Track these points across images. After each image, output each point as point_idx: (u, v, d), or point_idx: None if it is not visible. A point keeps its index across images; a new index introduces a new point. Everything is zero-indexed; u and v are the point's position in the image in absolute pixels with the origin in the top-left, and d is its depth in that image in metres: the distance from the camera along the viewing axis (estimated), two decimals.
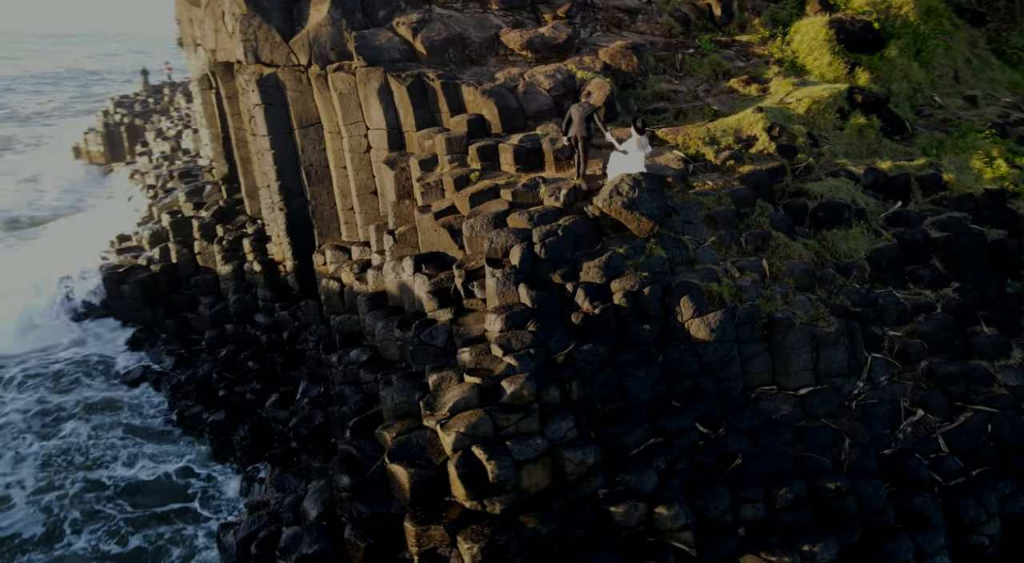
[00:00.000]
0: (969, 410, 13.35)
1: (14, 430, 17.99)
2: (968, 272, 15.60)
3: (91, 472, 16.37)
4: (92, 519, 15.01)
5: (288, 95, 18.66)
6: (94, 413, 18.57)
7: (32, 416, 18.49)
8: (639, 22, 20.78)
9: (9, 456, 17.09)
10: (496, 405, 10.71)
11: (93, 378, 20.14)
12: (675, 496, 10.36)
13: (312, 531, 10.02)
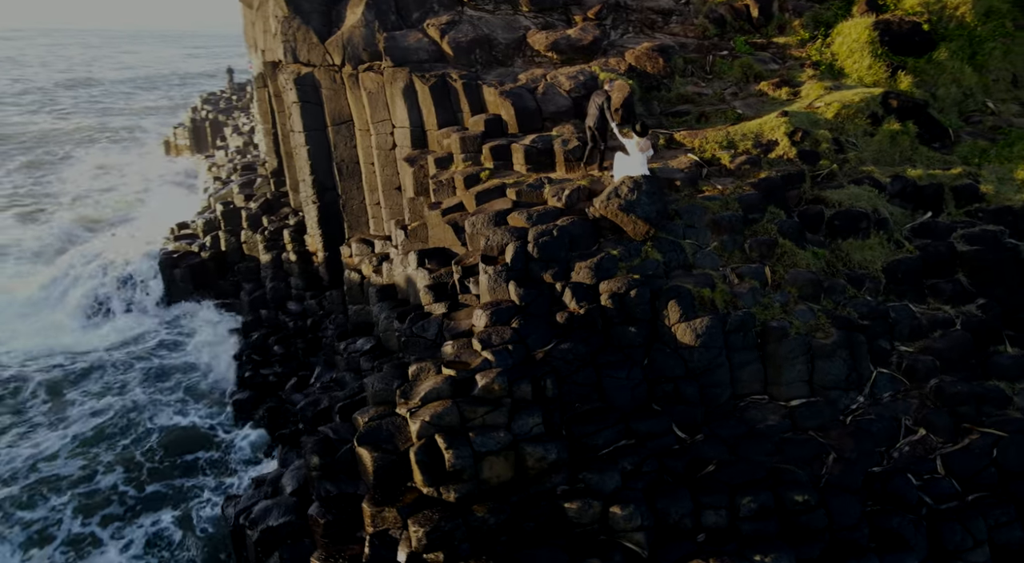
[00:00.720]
0: (976, 433, 12.69)
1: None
2: (998, 289, 14.78)
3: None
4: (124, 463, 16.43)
5: (323, 94, 19.52)
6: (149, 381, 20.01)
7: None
8: (673, 23, 20.59)
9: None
10: (466, 397, 11.03)
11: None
12: (634, 497, 10.39)
13: (282, 505, 10.63)
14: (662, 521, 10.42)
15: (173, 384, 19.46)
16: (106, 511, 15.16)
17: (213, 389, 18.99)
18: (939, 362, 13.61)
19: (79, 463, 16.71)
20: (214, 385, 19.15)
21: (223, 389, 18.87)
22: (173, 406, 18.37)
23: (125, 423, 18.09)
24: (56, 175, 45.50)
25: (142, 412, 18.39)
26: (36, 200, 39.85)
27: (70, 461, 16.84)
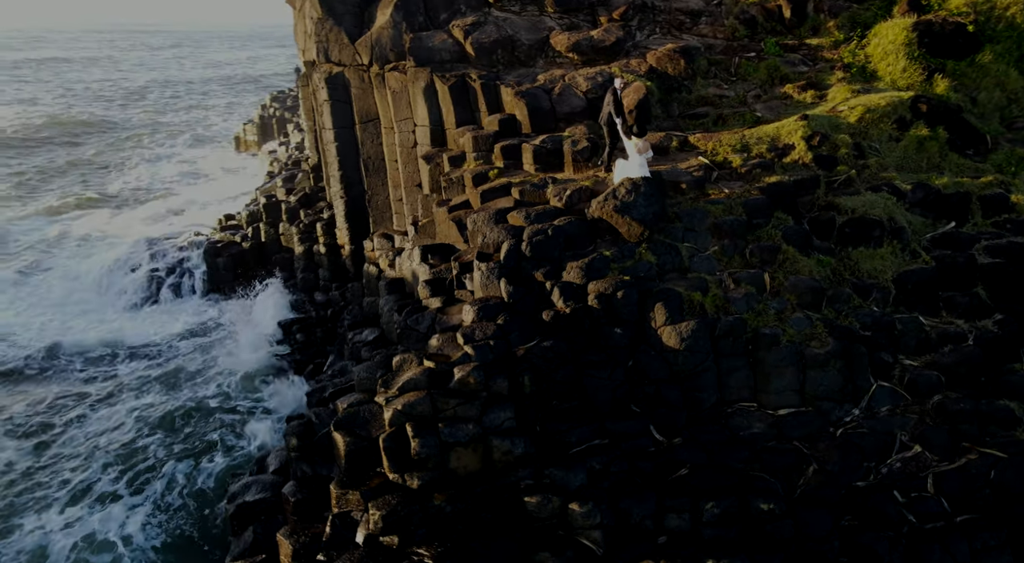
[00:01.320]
0: (976, 452, 12.17)
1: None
2: (1019, 304, 14.06)
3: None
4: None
5: (352, 92, 20.19)
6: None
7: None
8: (701, 24, 20.34)
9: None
10: (442, 389, 11.33)
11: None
12: (594, 495, 10.47)
13: (260, 483, 11.20)
14: (624, 521, 10.46)
15: (204, 363, 20.57)
16: (133, 469, 16.27)
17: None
18: (945, 378, 13.08)
19: (125, 427, 17.97)
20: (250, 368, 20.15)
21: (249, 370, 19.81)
22: (199, 383, 19.45)
23: (163, 396, 19.36)
24: (135, 167, 48.15)
25: (174, 386, 19.58)
26: (118, 189, 42.32)
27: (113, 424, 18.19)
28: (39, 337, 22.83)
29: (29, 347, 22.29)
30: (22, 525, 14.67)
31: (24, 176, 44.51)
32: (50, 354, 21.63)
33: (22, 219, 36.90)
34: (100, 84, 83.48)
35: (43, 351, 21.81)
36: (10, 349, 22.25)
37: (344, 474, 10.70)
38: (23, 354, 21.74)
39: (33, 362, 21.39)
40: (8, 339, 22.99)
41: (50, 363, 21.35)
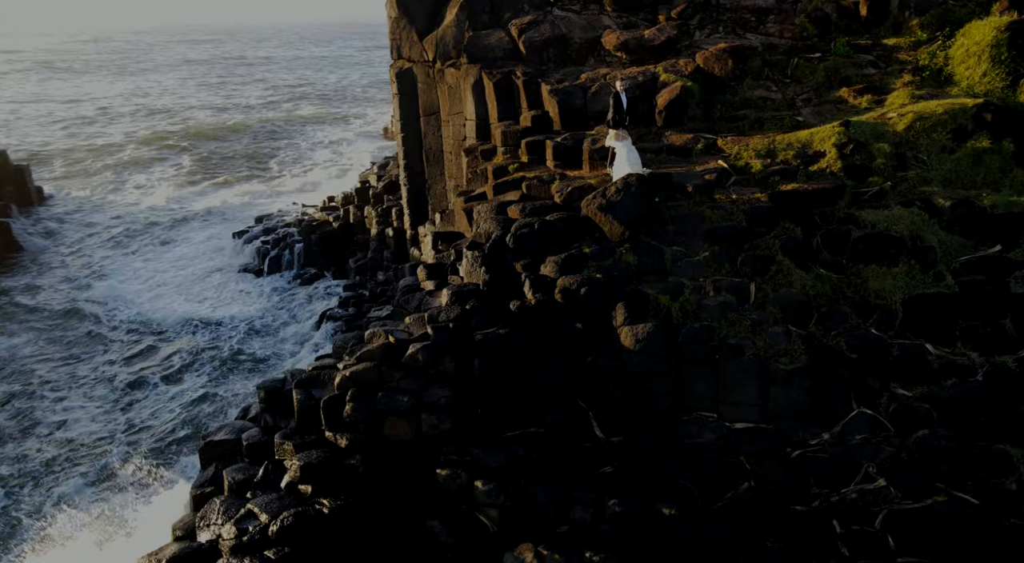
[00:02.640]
0: (946, 495, 11.12)
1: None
2: None
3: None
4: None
5: (419, 87, 21.52)
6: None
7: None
8: (769, 23, 19.44)
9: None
10: (393, 362, 12.25)
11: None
12: (505, 477, 10.90)
13: (231, 426, 12.71)
14: (528, 505, 10.80)
15: (269, 328, 23.14)
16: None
17: (297, 337, 22.20)
18: (938, 413, 11.99)
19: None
20: (300, 336, 22.32)
21: (303, 340, 21.95)
22: (261, 344, 21.94)
23: (231, 346, 22.15)
24: (297, 153, 53.11)
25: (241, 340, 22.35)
26: (274, 171, 47.22)
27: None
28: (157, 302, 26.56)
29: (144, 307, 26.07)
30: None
31: (209, 160, 50.49)
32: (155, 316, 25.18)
33: (194, 191, 42.39)
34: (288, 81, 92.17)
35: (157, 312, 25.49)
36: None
37: (295, 428, 11.95)
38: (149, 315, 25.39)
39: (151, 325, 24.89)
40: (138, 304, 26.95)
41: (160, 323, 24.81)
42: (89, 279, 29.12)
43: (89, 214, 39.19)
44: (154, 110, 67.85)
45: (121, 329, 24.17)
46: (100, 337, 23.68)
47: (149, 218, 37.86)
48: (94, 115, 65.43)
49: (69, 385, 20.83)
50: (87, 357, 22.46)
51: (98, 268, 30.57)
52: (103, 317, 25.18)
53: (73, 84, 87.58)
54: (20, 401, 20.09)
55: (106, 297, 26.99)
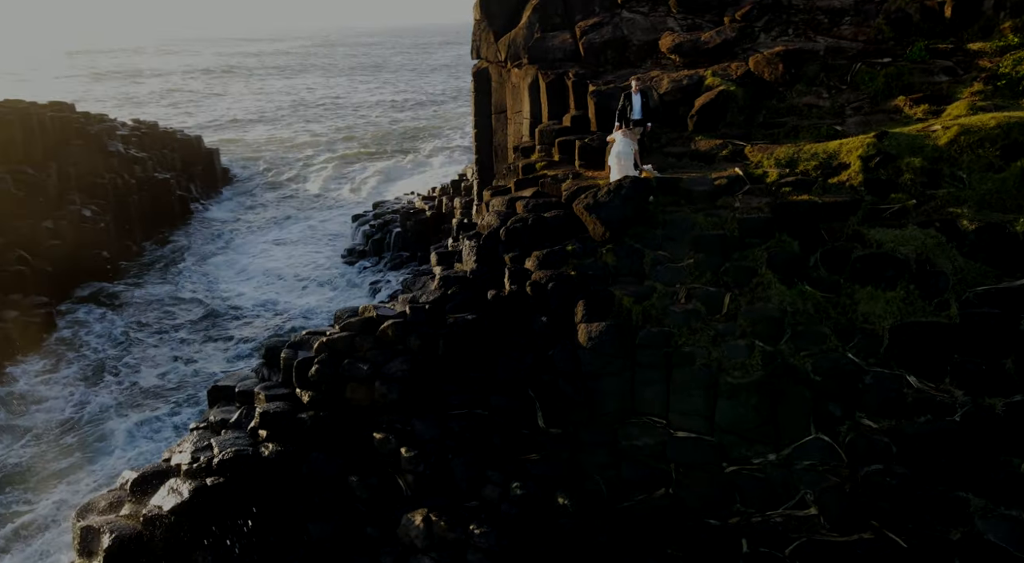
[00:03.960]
0: (875, 534, 10.38)
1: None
2: None
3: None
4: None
5: (492, 86, 22.60)
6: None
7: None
8: (844, 25, 18.25)
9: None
10: (369, 334, 13.53)
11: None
12: (432, 449, 11.77)
13: (238, 376, 14.62)
14: (448, 477, 11.60)
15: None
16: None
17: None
18: (899, 449, 11.12)
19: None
20: None
21: None
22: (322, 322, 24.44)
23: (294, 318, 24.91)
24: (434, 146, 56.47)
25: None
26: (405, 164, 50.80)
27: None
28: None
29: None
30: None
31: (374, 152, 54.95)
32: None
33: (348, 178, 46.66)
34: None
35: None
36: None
37: (279, 381, 13.60)
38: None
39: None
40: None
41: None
42: (222, 249, 33.47)
43: (259, 194, 44.38)
44: (336, 107, 74.47)
45: (214, 295, 27.76)
46: (196, 301, 27.36)
47: (304, 201, 42.36)
48: (290, 109, 73.18)
49: (159, 332, 24.48)
50: (179, 315, 26.07)
51: (230, 239, 35.02)
52: (206, 282, 29.07)
53: (281, 82, 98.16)
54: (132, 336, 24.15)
55: (222, 265, 31.03)
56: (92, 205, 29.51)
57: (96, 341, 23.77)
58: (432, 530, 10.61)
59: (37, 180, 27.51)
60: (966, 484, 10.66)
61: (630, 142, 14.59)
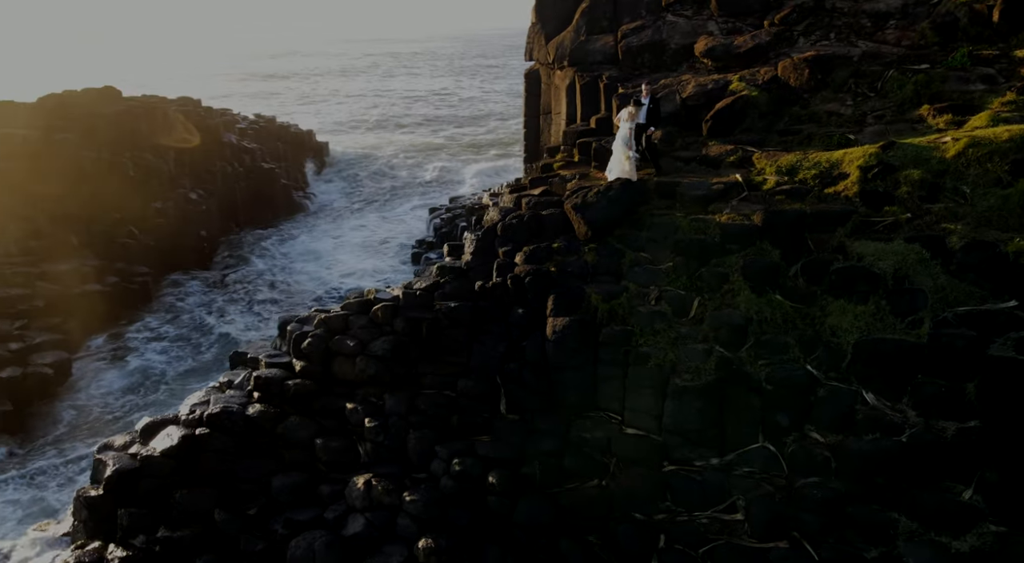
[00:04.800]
0: (791, 544, 10.34)
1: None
2: (1016, 418, 10.40)
3: None
4: None
5: (542, 87, 23.31)
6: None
7: None
8: (888, 29, 17.45)
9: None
10: (363, 314, 14.81)
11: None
12: (395, 422, 12.84)
13: (256, 345, 16.33)
14: (403, 450, 12.64)
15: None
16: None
17: None
18: (839, 464, 10.96)
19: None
20: None
21: None
22: None
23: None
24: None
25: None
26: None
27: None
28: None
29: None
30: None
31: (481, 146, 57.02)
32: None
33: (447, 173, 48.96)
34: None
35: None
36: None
37: (287, 351, 15.15)
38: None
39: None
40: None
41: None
42: (313, 233, 36.25)
43: (359, 186, 47.31)
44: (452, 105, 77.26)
45: (299, 274, 30.26)
46: (281, 279, 29.98)
47: (399, 193, 44.82)
48: (403, 106, 76.76)
49: (247, 303, 27.17)
50: (264, 291, 28.70)
51: (321, 224, 37.81)
52: (294, 262, 31.74)
53: (399, 81, 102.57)
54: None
55: (311, 248, 33.71)
56: (200, 190, 32.96)
57: (191, 308, 26.83)
58: (371, 493, 11.66)
59: (154, 165, 31.13)
60: (900, 505, 10.36)
61: (625, 134, 14.91)
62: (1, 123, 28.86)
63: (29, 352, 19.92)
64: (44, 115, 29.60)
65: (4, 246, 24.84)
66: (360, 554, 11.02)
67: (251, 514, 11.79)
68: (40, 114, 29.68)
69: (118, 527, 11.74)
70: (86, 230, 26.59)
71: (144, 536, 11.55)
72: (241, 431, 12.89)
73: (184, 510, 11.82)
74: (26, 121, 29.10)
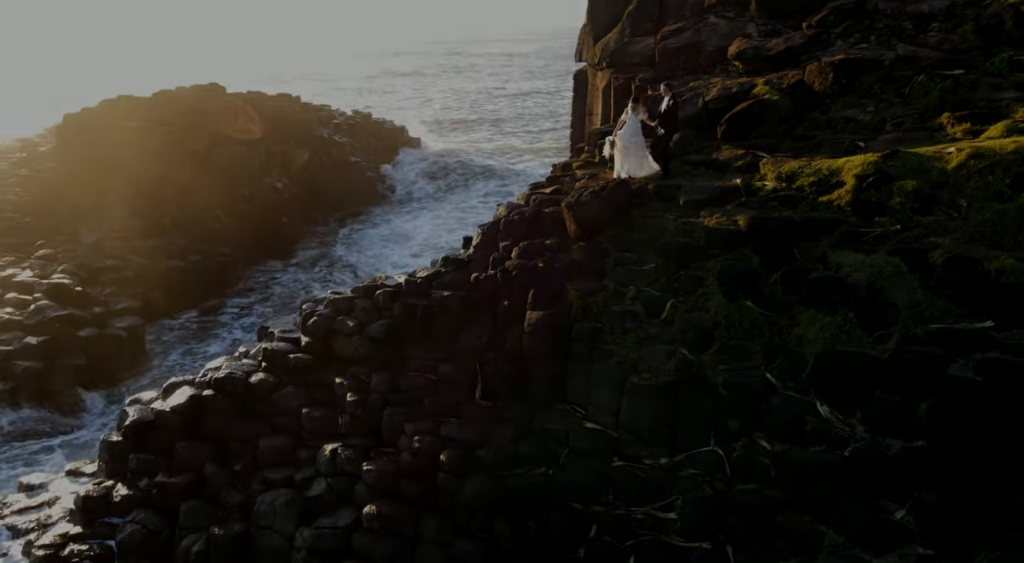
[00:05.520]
0: (712, 546, 10.43)
1: None
2: (974, 445, 9.96)
3: None
4: None
5: (588, 88, 23.64)
6: None
7: None
8: (931, 31, 16.57)
9: None
10: (368, 298, 15.94)
11: None
12: (372, 398, 13.83)
13: (283, 321, 17.82)
14: (377, 422, 13.62)
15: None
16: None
17: None
18: (778, 473, 10.90)
19: None
20: None
21: None
22: None
23: None
24: None
25: None
26: None
27: None
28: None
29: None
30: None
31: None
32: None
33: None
34: None
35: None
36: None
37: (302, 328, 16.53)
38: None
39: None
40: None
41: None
42: (393, 222, 38.20)
43: (445, 179, 49.20)
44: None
45: (371, 258, 32.09)
46: (354, 262, 31.92)
47: (483, 188, 46.27)
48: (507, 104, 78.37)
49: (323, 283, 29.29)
50: (339, 273, 30.63)
51: (403, 214, 39.72)
52: (369, 248, 33.65)
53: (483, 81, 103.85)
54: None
55: (388, 235, 35.60)
56: (285, 180, 35.60)
57: (265, 287, 29.27)
58: (336, 460, 12.68)
59: (245, 156, 33.99)
60: (830, 519, 10.18)
61: (637, 127, 15.16)
62: (120, 115, 32.48)
63: (110, 316, 22.55)
64: (155, 109, 33.00)
65: (109, 223, 28.08)
66: (316, 514, 12.08)
67: (236, 469, 13.14)
68: (152, 108, 33.12)
69: (128, 470, 13.44)
70: (178, 212, 29.51)
71: (147, 479, 13.16)
72: (241, 396, 14.30)
73: (182, 460, 13.36)
74: (140, 114, 32.59)
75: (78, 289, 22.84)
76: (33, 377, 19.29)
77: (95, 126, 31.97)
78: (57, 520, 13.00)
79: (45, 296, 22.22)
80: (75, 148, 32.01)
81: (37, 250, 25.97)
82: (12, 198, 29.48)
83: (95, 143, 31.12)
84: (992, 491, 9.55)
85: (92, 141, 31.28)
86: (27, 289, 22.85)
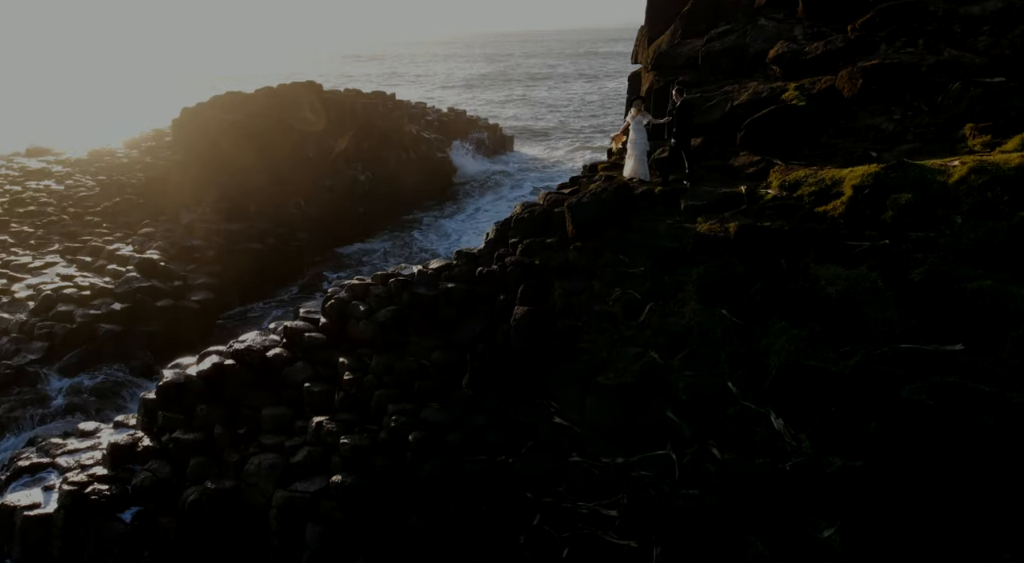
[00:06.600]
0: (638, 544, 10.59)
1: None
2: (914, 470, 9.58)
3: None
4: None
5: (642, 90, 23.54)
6: None
7: None
8: (982, 35, 15.48)
9: None
10: (383, 285, 16.99)
11: None
12: (368, 377, 14.83)
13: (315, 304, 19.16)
14: (368, 400, 14.58)
15: None
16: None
17: None
18: (719, 481, 10.90)
19: None
20: None
21: None
22: None
23: None
24: None
25: None
26: None
27: None
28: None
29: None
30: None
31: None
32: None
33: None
34: None
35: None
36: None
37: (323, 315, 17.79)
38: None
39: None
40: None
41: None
42: (464, 214, 39.45)
43: (527, 176, 50.16)
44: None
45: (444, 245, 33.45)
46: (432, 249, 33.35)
47: (545, 178, 46.82)
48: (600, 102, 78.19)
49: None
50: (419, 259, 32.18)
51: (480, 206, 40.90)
52: (442, 237, 34.99)
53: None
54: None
55: (463, 227, 36.90)
56: (369, 172, 37.61)
57: (333, 273, 31.30)
58: (319, 432, 13.72)
59: (331, 148, 36.27)
60: (760, 531, 10.08)
61: (643, 131, 15.30)
62: (225, 109, 35.58)
63: (187, 290, 25.01)
64: (256, 103, 35.88)
65: (202, 207, 30.93)
66: (293, 478, 13.19)
67: (240, 433, 14.50)
68: (253, 102, 36.02)
69: (155, 426, 15.16)
70: (265, 199, 32.02)
71: (168, 435, 14.81)
72: (257, 367, 15.71)
73: (199, 420, 14.90)
74: (242, 108, 35.54)
75: (162, 264, 25.46)
76: (112, 339, 21.79)
77: (203, 119, 35.18)
78: (93, 464, 14.89)
79: (136, 269, 24.94)
80: (187, 139, 35.40)
81: (141, 228, 29.09)
82: (134, 182, 33.13)
83: (202, 134, 34.27)
84: (923, 520, 9.15)
85: (200, 133, 34.49)
86: (124, 262, 25.74)
